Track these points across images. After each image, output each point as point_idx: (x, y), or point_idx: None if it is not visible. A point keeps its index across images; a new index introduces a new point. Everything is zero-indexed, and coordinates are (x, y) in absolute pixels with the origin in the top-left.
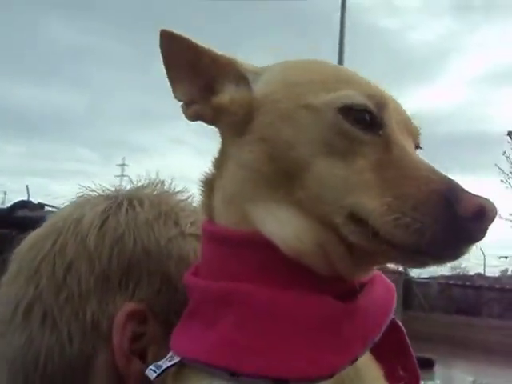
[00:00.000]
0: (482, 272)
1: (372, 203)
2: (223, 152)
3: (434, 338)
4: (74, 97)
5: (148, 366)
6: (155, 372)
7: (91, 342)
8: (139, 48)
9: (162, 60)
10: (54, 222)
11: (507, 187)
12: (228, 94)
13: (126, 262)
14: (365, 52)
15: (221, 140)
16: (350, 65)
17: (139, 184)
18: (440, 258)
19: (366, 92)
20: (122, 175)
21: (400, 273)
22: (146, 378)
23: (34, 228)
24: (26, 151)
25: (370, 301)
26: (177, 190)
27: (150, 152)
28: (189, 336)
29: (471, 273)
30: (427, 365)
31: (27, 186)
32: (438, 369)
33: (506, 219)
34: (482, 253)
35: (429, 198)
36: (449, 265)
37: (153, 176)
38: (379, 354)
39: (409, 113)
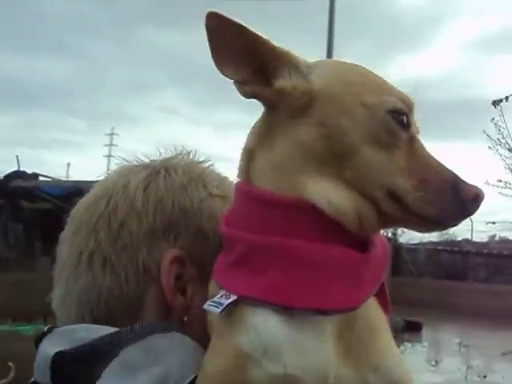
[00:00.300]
0: (470, 238)
1: (404, 184)
2: (273, 128)
3: (422, 302)
4: (63, 67)
5: (185, 302)
6: (217, 307)
7: (143, 282)
8: (130, 18)
9: (206, 39)
10: (104, 188)
11: (494, 154)
12: (289, 81)
13: (167, 219)
14: (355, 18)
15: (269, 118)
16: (342, 31)
17: (169, 155)
18: (446, 226)
19: (401, 98)
20: (111, 144)
21: (389, 239)
22: (187, 308)
23: (27, 197)
24: (15, 121)
25: (377, 252)
26: (200, 159)
27: (141, 122)
28: (240, 280)
29: (459, 238)
30: (415, 328)
31: (17, 157)
32: (426, 332)
33: (494, 185)
34: (470, 219)
35: (442, 184)
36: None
37: (179, 148)
38: None
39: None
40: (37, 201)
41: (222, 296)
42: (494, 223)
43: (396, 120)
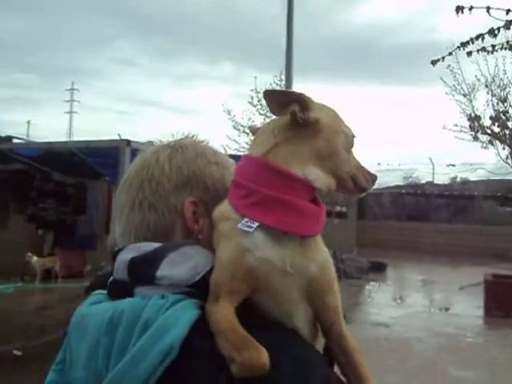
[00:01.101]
0: (434, 180)
1: (357, 173)
2: (296, 134)
3: (386, 244)
4: (18, 21)
5: (199, 228)
6: (249, 228)
7: (173, 216)
8: None
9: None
10: (145, 160)
11: (451, 99)
12: (314, 115)
13: (185, 179)
14: None
15: (295, 128)
16: None
17: (181, 137)
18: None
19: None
20: (72, 100)
21: None
22: (200, 231)
23: (3, 160)
24: None
25: (324, 207)
26: (201, 139)
27: (100, 75)
28: (259, 214)
29: (422, 181)
30: (380, 268)
31: None
32: (390, 271)
33: (450, 129)
34: (431, 162)
35: (367, 173)
36: (401, 175)
37: (187, 133)
38: None
39: None
40: (11, 162)
41: (248, 221)
42: (453, 165)
43: (351, 139)
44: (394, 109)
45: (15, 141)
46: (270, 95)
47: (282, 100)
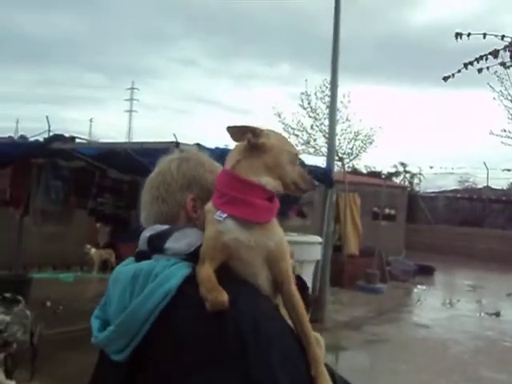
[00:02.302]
0: (489, 185)
1: (299, 180)
2: (251, 153)
3: (437, 248)
4: (82, 21)
5: (197, 216)
6: (221, 217)
7: (179, 208)
8: None
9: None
10: (161, 168)
11: (499, 105)
12: (262, 140)
13: (187, 181)
14: None
15: (249, 149)
16: None
17: (189, 149)
18: (305, 192)
19: (296, 148)
20: (132, 99)
21: (403, 187)
22: (197, 219)
23: (65, 158)
24: (35, 78)
25: (276, 203)
26: (200, 151)
27: (160, 74)
28: (228, 208)
29: (479, 186)
30: (428, 272)
31: (47, 117)
32: (438, 275)
33: (497, 135)
34: (486, 166)
35: (307, 178)
36: (457, 179)
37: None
38: None
39: None
40: (73, 160)
41: (220, 214)
42: (509, 170)
43: (295, 156)
44: (450, 112)
45: (77, 141)
46: (230, 129)
47: (239, 131)
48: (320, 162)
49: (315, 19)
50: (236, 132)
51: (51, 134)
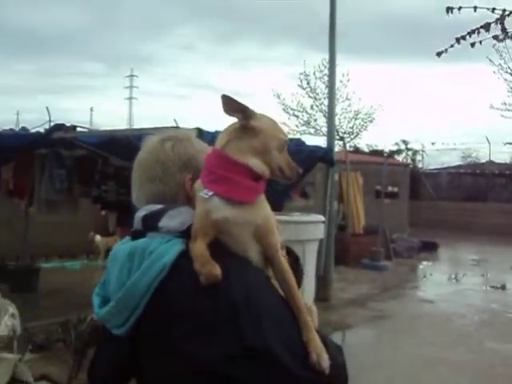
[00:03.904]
0: (492, 159)
1: (284, 167)
2: (241, 135)
3: (441, 224)
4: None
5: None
6: (206, 195)
7: (178, 187)
8: None
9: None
10: (152, 148)
11: (499, 78)
12: (254, 122)
13: (183, 162)
14: None
15: (240, 130)
16: None
17: (181, 130)
18: (292, 180)
19: (285, 135)
20: (131, 86)
21: (406, 165)
22: (193, 197)
23: (67, 147)
24: (34, 69)
25: (263, 184)
26: (189, 132)
27: (159, 61)
28: (214, 186)
29: (482, 161)
30: (432, 248)
31: (47, 108)
32: (442, 251)
33: (497, 108)
34: (488, 141)
35: (293, 166)
36: (460, 155)
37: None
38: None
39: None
40: (75, 149)
41: (206, 192)
42: (511, 144)
43: (283, 142)
44: (451, 87)
45: (78, 129)
46: (224, 99)
47: (231, 105)
48: (321, 142)
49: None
50: (229, 104)
51: (52, 124)
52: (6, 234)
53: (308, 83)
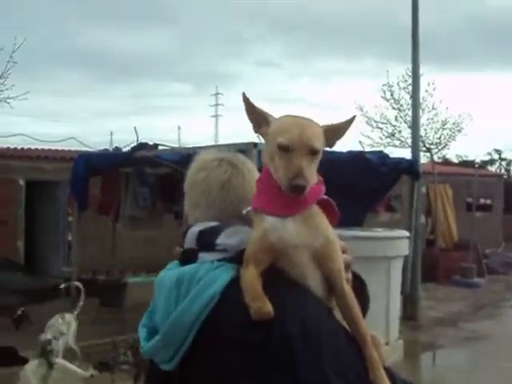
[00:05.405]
0: None
1: (282, 175)
2: (265, 142)
3: None
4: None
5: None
6: (246, 211)
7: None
8: None
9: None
10: (213, 175)
11: None
12: (263, 129)
13: (244, 197)
14: None
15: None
16: None
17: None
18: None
19: (287, 137)
20: (217, 104)
21: (499, 175)
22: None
23: (150, 165)
24: (126, 92)
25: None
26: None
27: (242, 78)
28: (253, 203)
29: None
30: None
31: (135, 128)
32: None
33: None
34: None
35: (289, 178)
36: None
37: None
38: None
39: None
40: (159, 167)
41: (248, 208)
42: None
43: (283, 146)
44: None
45: (160, 147)
46: (246, 102)
47: (248, 110)
48: (406, 154)
49: (393, 9)
50: (247, 109)
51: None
52: (97, 248)
53: (392, 94)
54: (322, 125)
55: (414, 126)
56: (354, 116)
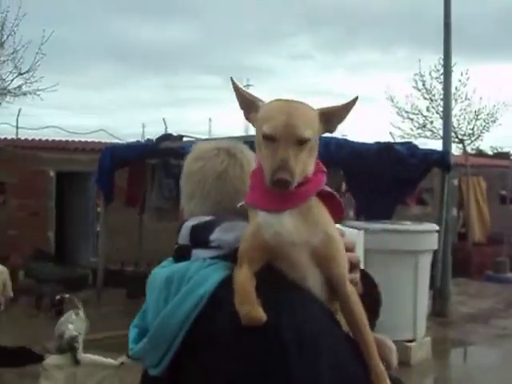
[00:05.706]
0: None
1: (267, 168)
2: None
3: None
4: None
5: None
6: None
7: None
8: None
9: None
10: (210, 166)
11: None
12: (252, 115)
13: (241, 188)
14: None
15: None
16: None
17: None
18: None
19: (271, 125)
20: None
21: (507, 167)
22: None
23: (175, 156)
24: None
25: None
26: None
27: (274, 70)
28: (245, 198)
29: None
30: None
31: (164, 119)
32: None
33: None
34: None
35: (274, 169)
36: None
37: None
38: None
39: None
40: (182, 158)
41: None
42: None
43: (263, 136)
44: None
45: (185, 139)
46: (235, 87)
47: (237, 94)
48: (438, 145)
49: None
50: (236, 93)
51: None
52: (124, 240)
53: (423, 84)
54: (317, 108)
55: (446, 116)
56: (357, 97)
